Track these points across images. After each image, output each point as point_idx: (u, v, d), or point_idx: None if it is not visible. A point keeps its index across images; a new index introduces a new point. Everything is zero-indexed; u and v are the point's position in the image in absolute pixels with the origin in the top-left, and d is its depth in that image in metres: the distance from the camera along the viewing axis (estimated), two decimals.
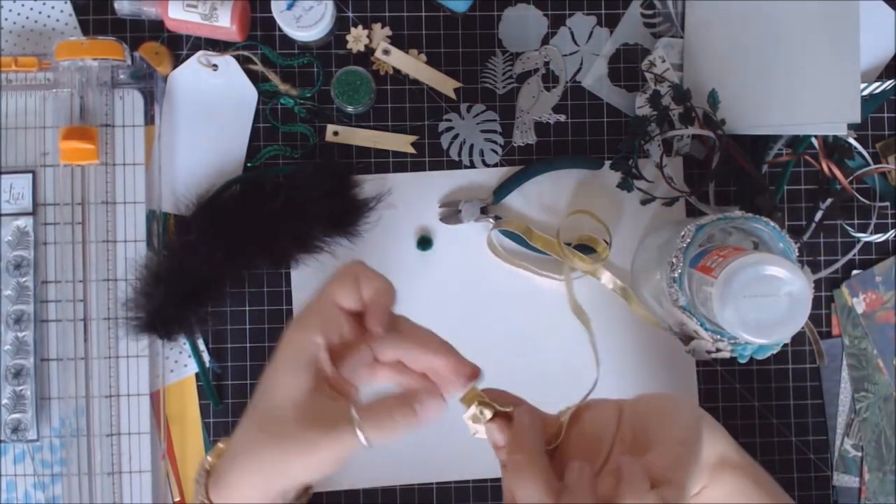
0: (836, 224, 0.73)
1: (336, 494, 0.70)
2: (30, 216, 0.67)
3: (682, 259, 0.59)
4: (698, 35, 0.71)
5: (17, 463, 0.67)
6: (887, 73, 0.72)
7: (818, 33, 0.65)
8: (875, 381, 0.72)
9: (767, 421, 0.72)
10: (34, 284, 0.67)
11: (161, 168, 0.69)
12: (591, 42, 0.72)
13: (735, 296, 0.54)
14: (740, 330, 0.55)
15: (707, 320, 0.60)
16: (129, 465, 0.67)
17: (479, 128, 0.72)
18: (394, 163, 0.71)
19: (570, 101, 0.72)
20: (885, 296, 0.72)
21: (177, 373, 0.69)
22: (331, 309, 0.49)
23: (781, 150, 0.72)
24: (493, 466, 0.70)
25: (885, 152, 0.73)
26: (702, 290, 0.58)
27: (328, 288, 0.50)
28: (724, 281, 0.54)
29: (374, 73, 0.71)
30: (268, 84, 0.70)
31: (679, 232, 0.61)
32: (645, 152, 0.70)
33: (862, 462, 0.72)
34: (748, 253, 0.56)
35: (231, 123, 0.70)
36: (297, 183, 0.67)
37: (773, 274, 0.54)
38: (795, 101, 0.66)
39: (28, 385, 0.66)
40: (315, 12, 0.66)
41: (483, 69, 0.72)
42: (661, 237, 0.67)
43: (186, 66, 0.70)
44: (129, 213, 0.68)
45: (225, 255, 0.66)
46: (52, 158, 0.68)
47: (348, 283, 0.49)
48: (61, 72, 0.67)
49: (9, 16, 0.70)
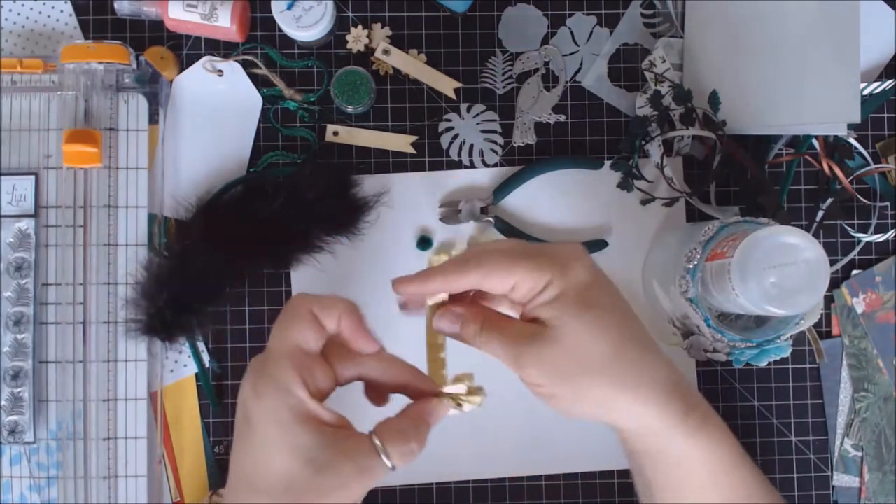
0: (837, 224, 0.73)
1: None
2: (31, 218, 0.67)
3: (699, 251, 0.60)
4: (698, 35, 0.71)
5: (14, 465, 0.67)
6: (887, 73, 0.72)
7: (818, 33, 0.65)
8: (875, 381, 0.72)
9: (767, 421, 0.72)
10: (34, 287, 0.67)
11: (164, 172, 0.69)
12: (591, 42, 0.72)
13: (755, 267, 0.55)
14: (765, 303, 0.55)
15: (711, 317, 0.60)
16: (125, 470, 0.67)
17: (479, 128, 0.72)
18: (394, 163, 0.71)
19: (570, 101, 0.72)
20: (884, 296, 0.72)
21: (176, 373, 0.69)
22: (298, 357, 0.45)
23: (781, 150, 0.72)
24: (493, 467, 0.70)
25: (885, 152, 0.73)
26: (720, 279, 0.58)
27: (286, 335, 0.46)
28: (741, 254, 0.55)
29: (374, 73, 0.71)
30: (273, 89, 0.70)
31: (700, 229, 0.61)
32: (645, 152, 0.70)
33: (862, 462, 0.72)
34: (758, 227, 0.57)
35: (235, 129, 0.70)
36: (297, 183, 0.67)
37: (788, 241, 0.55)
38: (795, 101, 0.66)
39: (26, 387, 0.66)
40: (315, 12, 0.66)
41: (483, 69, 0.72)
42: (678, 234, 0.68)
43: (191, 70, 0.70)
44: (131, 217, 0.68)
45: (225, 256, 0.65)
46: (55, 161, 0.68)
47: (307, 322, 0.46)
48: (66, 74, 0.67)
49: (9, 16, 0.69)
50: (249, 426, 0.45)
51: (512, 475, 0.71)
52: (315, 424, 0.44)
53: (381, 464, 0.45)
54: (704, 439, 0.49)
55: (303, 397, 0.44)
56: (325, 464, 0.43)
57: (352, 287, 0.70)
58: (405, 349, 0.50)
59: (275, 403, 0.44)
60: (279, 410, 0.44)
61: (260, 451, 0.44)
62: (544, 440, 0.70)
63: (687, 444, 0.49)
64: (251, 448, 0.45)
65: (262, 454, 0.44)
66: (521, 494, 0.71)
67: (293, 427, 0.44)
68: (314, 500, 0.43)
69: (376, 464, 0.45)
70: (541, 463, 0.71)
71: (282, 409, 0.44)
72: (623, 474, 0.71)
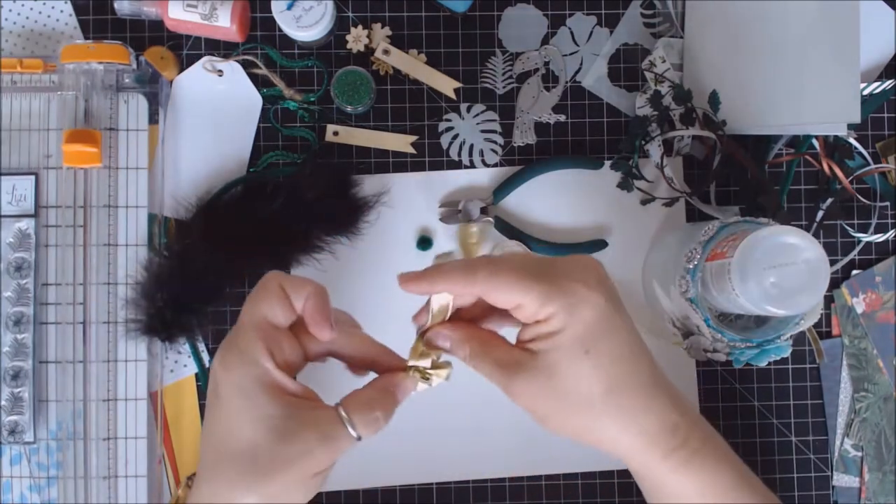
0: (837, 224, 0.73)
1: (336, 494, 0.70)
2: (31, 218, 0.67)
3: (699, 251, 0.60)
4: (698, 35, 0.71)
5: (14, 465, 0.67)
6: (887, 73, 0.72)
7: (818, 33, 0.65)
8: (875, 381, 0.72)
9: (767, 421, 0.72)
10: (34, 287, 0.67)
11: (164, 172, 0.69)
12: (591, 42, 0.72)
13: (755, 267, 0.55)
14: (765, 303, 0.55)
15: (711, 317, 0.60)
16: (125, 470, 0.67)
17: (479, 128, 0.72)
18: (394, 163, 0.71)
19: (570, 101, 0.72)
20: (884, 296, 0.72)
21: (176, 373, 0.69)
22: (265, 329, 0.46)
23: (781, 150, 0.72)
24: (493, 467, 0.70)
25: (885, 152, 0.73)
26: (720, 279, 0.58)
27: (255, 308, 0.47)
28: (741, 254, 0.55)
29: (374, 73, 0.71)
30: (273, 89, 0.70)
31: (700, 229, 0.61)
32: (645, 152, 0.70)
33: (862, 462, 0.72)
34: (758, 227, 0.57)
35: (235, 129, 0.70)
36: (297, 183, 0.67)
37: (788, 241, 0.55)
38: (795, 101, 0.66)
39: (26, 387, 0.66)
40: (315, 12, 0.66)
41: (483, 69, 0.72)
42: (678, 234, 0.68)
43: (191, 70, 0.70)
44: (131, 217, 0.68)
45: (225, 256, 0.65)
46: (55, 161, 0.68)
47: (276, 297, 0.46)
48: (66, 74, 0.67)
49: (9, 16, 0.69)
50: (218, 398, 0.46)
51: (512, 475, 0.71)
52: (280, 395, 0.45)
53: (347, 434, 0.45)
54: (694, 471, 0.49)
55: (269, 367, 0.45)
56: (289, 432, 0.44)
57: (352, 287, 0.70)
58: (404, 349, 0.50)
59: (241, 374, 0.45)
60: (245, 380, 0.45)
61: (226, 421, 0.45)
62: (544, 440, 0.70)
63: (674, 478, 0.49)
64: (219, 420, 0.46)
65: (228, 424, 0.45)
66: (521, 494, 0.71)
67: (259, 397, 0.45)
68: (279, 468, 0.44)
69: (342, 433, 0.45)
70: (541, 463, 0.71)
71: (247, 378, 0.45)
72: (623, 474, 0.71)
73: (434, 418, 0.70)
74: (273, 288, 0.47)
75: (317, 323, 0.47)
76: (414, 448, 0.70)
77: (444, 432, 0.70)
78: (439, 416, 0.70)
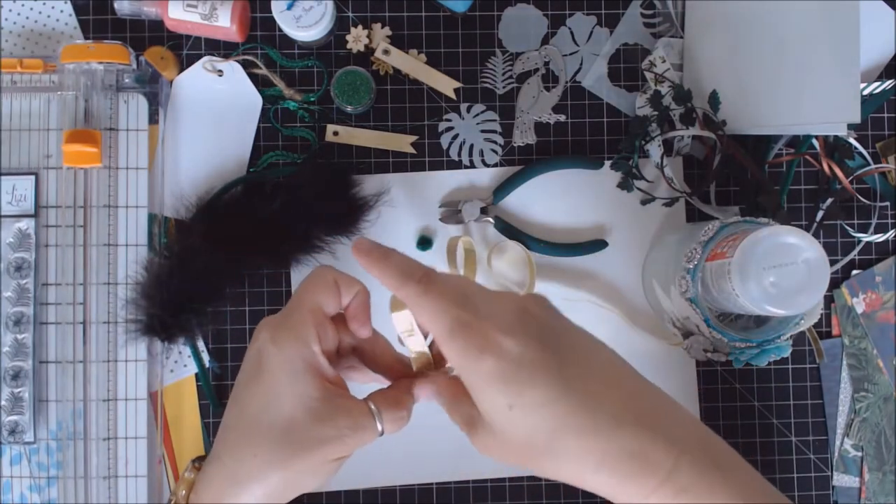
0: (837, 224, 0.73)
1: (336, 494, 0.70)
2: (31, 218, 0.67)
3: (699, 251, 0.60)
4: (698, 35, 0.71)
5: (14, 465, 0.67)
6: (887, 73, 0.72)
7: (818, 33, 0.65)
8: (875, 381, 0.72)
9: (767, 421, 0.72)
10: (34, 287, 0.67)
11: (164, 172, 0.69)
12: (591, 42, 0.72)
13: (755, 267, 0.55)
14: (765, 303, 0.55)
15: (711, 317, 0.60)
16: (125, 470, 0.67)
17: (479, 128, 0.72)
18: (394, 163, 0.71)
19: (570, 101, 0.72)
20: (884, 296, 0.72)
21: (176, 373, 0.69)
22: (319, 315, 0.48)
23: (781, 150, 0.72)
24: (493, 466, 0.70)
25: (885, 152, 0.73)
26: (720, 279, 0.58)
27: (310, 295, 0.49)
28: (741, 254, 0.55)
29: (374, 73, 0.71)
30: (273, 89, 0.70)
31: (700, 229, 0.61)
32: (645, 152, 0.70)
33: (862, 462, 0.72)
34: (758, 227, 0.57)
35: (235, 129, 0.70)
36: (296, 183, 0.67)
37: (788, 241, 0.55)
38: (795, 101, 0.66)
39: (26, 387, 0.66)
40: (315, 12, 0.66)
41: (483, 69, 0.72)
42: (678, 234, 0.68)
43: (191, 70, 0.70)
44: (131, 217, 0.68)
45: (225, 256, 0.65)
46: (55, 161, 0.68)
47: (330, 288, 0.49)
48: (66, 74, 0.67)
49: (9, 16, 0.69)
50: (261, 373, 0.47)
51: (512, 475, 0.71)
52: (321, 378, 0.47)
53: (374, 426, 0.48)
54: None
55: (316, 350, 0.47)
56: (326, 415, 0.46)
57: None
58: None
59: (292, 353, 0.47)
60: (295, 360, 0.47)
61: (267, 396, 0.47)
62: None
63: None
64: (257, 394, 0.47)
65: (268, 399, 0.47)
66: (521, 494, 0.71)
67: (304, 377, 0.47)
68: (309, 447, 0.46)
69: (370, 425, 0.48)
70: None
71: (297, 359, 0.47)
72: None
73: (434, 418, 0.69)
74: (329, 279, 0.49)
75: (359, 320, 0.50)
76: (414, 448, 0.70)
77: (444, 432, 0.70)
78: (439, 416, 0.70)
